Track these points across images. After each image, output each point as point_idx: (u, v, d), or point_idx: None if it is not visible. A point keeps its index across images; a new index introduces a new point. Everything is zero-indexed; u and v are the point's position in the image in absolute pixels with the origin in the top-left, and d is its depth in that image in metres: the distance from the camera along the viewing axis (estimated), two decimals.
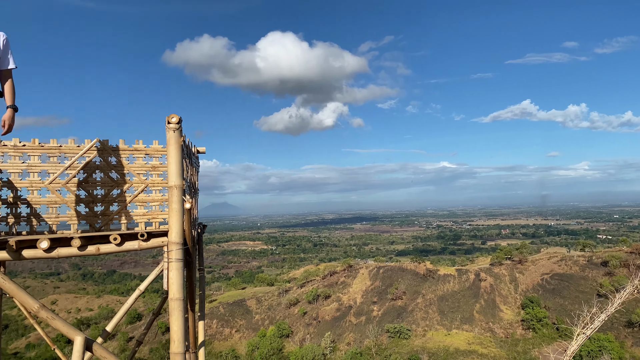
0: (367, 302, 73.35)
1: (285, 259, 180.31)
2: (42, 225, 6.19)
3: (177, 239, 4.60)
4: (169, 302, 4.41)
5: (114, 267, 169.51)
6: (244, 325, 73.60)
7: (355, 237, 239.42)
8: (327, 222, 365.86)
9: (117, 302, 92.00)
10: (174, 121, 4.71)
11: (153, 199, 6.48)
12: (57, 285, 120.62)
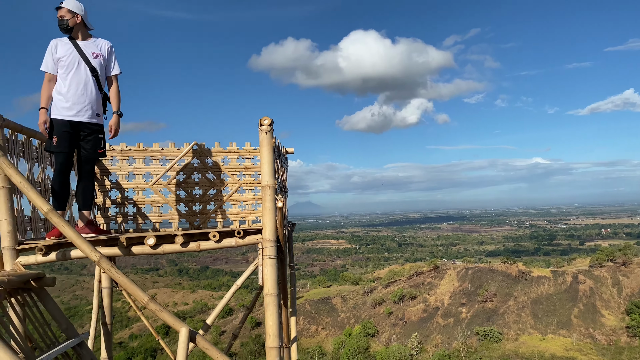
0: (455, 303, 71.35)
1: (369, 258, 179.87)
2: (147, 223, 6.64)
3: (270, 237, 4.75)
4: (264, 298, 4.56)
5: (207, 263, 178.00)
6: (330, 323, 74.34)
7: (441, 237, 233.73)
8: (411, 221, 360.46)
9: (210, 297, 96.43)
10: (266, 123, 4.86)
11: (246, 198, 6.73)
12: (155, 280, 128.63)
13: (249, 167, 6.79)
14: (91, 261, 4.04)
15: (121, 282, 3.67)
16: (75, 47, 4.96)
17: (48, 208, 3.66)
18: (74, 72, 4.94)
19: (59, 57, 4.94)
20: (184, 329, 3.72)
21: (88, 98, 4.99)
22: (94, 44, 5.07)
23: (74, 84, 4.93)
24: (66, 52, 4.94)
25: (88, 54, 4.99)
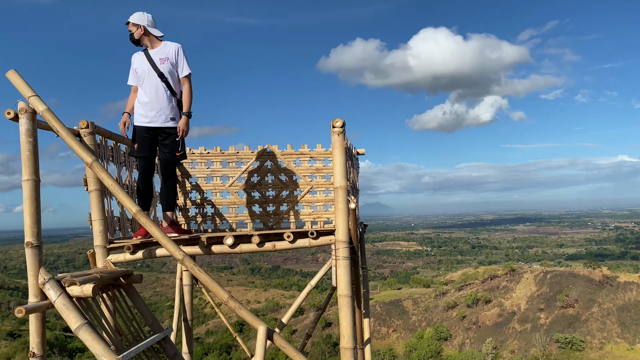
0: (532, 308, 68.22)
1: (441, 261, 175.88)
2: (224, 223, 6.88)
3: (343, 238, 4.78)
4: (338, 299, 4.59)
5: (278, 263, 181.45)
6: (401, 325, 73.43)
7: (517, 239, 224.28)
8: (485, 222, 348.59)
9: (281, 296, 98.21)
10: (338, 125, 4.89)
11: (318, 199, 6.80)
12: (230, 278, 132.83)
13: (320, 168, 6.86)
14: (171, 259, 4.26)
15: (203, 280, 3.83)
16: (147, 57, 5.21)
17: (136, 209, 3.89)
18: (146, 80, 5.19)
19: (134, 68, 5.25)
20: (262, 327, 3.83)
21: (159, 104, 5.20)
22: (161, 50, 5.25)
23: (146, 92, 5.19)
24: (139, 62, 5.22)
25: (156, 61, 5.19)
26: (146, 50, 5.26)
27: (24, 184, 3.74)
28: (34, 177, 3.75)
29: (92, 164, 3.86)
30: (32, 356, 3.75)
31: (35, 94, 3.78)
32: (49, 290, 3.63)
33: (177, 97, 5.33)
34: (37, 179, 3.78)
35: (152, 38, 5.24)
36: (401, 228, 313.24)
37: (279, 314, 75.58)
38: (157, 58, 5.22)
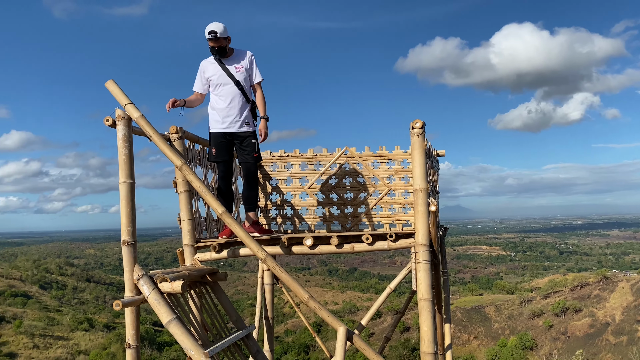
0: (629, 320, 63.36)
1: (526, 267, 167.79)
2: (303, 225, 7.00)
3: (423, 241, 4.70)
4: (419, 303, 4.53)
5: (355, 265, 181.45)
6: (483, 332, 70.87)
7: (611, 245, 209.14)
8: (575, 227, 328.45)
9: (358, 298, 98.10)
10: (417, 126, 4.82)
11: (396, 201, 6.74)
12: (307, 279, 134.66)
13: (399, 170, 6.80)
14: (251, 259, 4.40)
15: (284, 279, 3.92)
16: (221, 65, 5.33)
17: (222, 210, 4.06)
18: (222, 88, 5.34)
19: (208, 77, 5.36)
20: (342, 328, 3.85)
21: (236, 110, 5.35)
22: (236, 58, 5.39)
23: (222, 100, 5.34)
24: (213, 71, 5.33)
25: (232, 69, 5.33)
26: (219, 59, 5.35)
27: (121, 186, 4.01)
28: (130, 180, 4.02)
29: (182, 167, 4.07)
30: (128, 347, 4.02)
31: (130, 102, 4.06)
32: (143, 285, 3.87)
33: (250, 102, 5.48)
34: (133, 182, 4.05)
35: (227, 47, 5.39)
36: (483, 232, 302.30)
37: (356, 316, 75.54)
38: (232, 66, 5.36)
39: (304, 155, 7.01)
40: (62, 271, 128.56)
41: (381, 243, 5.07)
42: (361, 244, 5.10)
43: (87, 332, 77.21)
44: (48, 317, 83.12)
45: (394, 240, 5.03)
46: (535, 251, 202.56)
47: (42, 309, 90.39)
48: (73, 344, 72.34)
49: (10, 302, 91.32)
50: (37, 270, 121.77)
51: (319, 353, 62.21)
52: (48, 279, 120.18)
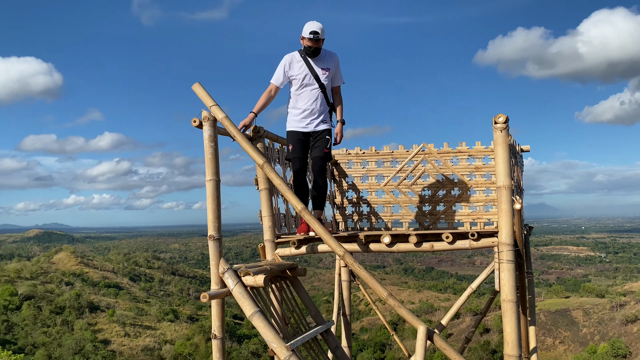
0: None
1: (618, 269, 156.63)
2: (379, 222, 6.98)
3: (507, 240, 4.53)
4: (502, 304, 4.38)
5: (432, 264, 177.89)
6: (569, 337, 67.13)
7: None
8: None
9: (435, 298, 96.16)
10: (500, 121, 4.66)
11: (477, 199, 6.55)
12: (382, 277, 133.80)
13: (479, 167, 6.59)
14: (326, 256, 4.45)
15: (362, 276, 3.94)
16: (307, 65, 5.21)
17: (301, 207, 4.15)
18: (306, 89, 5.25)
19: (292, 74, 5.24)
20: (421, 327, 3.81)
21: (317, 112, 5.32)
22: (323, 60, 5.28)
23: (305, 100, 5.27)
24: (299, 70, 5.21)
25: (318, 72, 5.24)
26: (306, 58, 5.24)
27: (207, 183, 4.21)
28: (215, 178, 4.20)
29: (263, 165, 4.20)
30: (214, 338, 4.21)
31: (215, 104, 4.24)
32: (228, 279, 4.03)
33: (329, 105, 5.45)
34: (218, 179, 4.23)
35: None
36: (569, 231, 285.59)
37: (433, 316, 74.10)
38: (319, 68, 5.26)
39: (380, 153, 6.97)
40: (149, 264, 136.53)
41: (462, 242, 4.95)
42: (441, 243, 5.00)
43: (172, 322, 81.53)
44: (137, 307, 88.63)
45: (475, 239, 4.90)
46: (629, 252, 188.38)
47: (132, 300, 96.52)
48: (160, 334, 76.65)
49: (104, 292, 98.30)
50: (128, 263, 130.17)
51: (395, 352, 61.67)
52: (137, 272, 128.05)
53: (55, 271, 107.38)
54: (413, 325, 3.84)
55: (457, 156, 6.71)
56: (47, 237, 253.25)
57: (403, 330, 60.65)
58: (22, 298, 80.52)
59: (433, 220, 6.49)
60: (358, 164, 7.08)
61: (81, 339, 68.19)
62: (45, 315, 76.62)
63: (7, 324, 72.90)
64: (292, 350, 3.75)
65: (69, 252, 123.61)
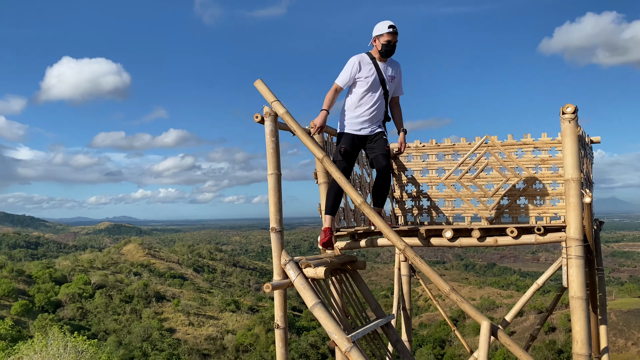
0: None
1: None
2: (440, 217, 6.87)
3: (576, 235, 4.35)
4: (570, 301, 4.21)
5: (494, 260, 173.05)
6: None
7: None
8: None
9: (497, 295, 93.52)
10: (569, 111, 4.47)
11: (543, 192, 6.32)
12: (442, 273, 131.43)
13: (546, 159, 6.35)
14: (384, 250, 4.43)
15: (424, 271, 3.91)
16: (376, 69, 5.00)
17: (361, 200, 4.16)
18: (371, 94, 5.02)
19: (360, 76, 4.97)
20: (485, 322, 3.74)
21: (377, 118, 5.15)
22: (390, 66, 5.10)
23: (368, 105, 5.05)
24: (369, 73, 4.97)
25: (386, 77, 5.06)
26: (374, 60, 5.03)
27: (269, 177, 4.30)
28: (277, 172, 4.29)
29: (323, 159, 4.25)
30: (277, 327, 4.31)
31: (276, 99, 4.33)
32: (290, 270, 4.12)
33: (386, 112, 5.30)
34: (279, 173, 4.32)
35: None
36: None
37: (495, 313, 72.14)
38: (387, 75, 5.06)
39: (440, 146, 6.85)
40: (212, 256, 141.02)
41: (528, 237, 4.80)
42: (505, 238, 4.87)
43: (234, 313, 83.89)
44: (201, 297, 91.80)
45: (542, 234, 4.73)
46: None
47: (196, 290, 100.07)
48: (222, 324, 79.09)
49: (170, 282, 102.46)
50: (192, 254, 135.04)
51: (456, 348, 60.56)
52: (200, 263, 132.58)
53: (124, 262, 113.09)
54: (476, 320, 3.77)
55: (522, 148, 6.50)
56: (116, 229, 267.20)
57: (464, 327, 59.45)
58: (94, 287, 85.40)
59: (497, 214, 6.32)
60: (418, 157, 6.99)
61: (148, 327, 71.53)
62: (115, 304, 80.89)
63: (82, 311, 77.57)
64: (353, 342, 3.79)
65: (137, 243, 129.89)
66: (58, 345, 20.38)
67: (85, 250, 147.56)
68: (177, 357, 61.39)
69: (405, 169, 7.02)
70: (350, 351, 3.70)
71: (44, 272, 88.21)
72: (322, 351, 61.84)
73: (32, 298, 76.06)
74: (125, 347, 62.79)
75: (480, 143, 6.54)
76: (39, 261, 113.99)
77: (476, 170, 6.54)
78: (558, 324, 65.54)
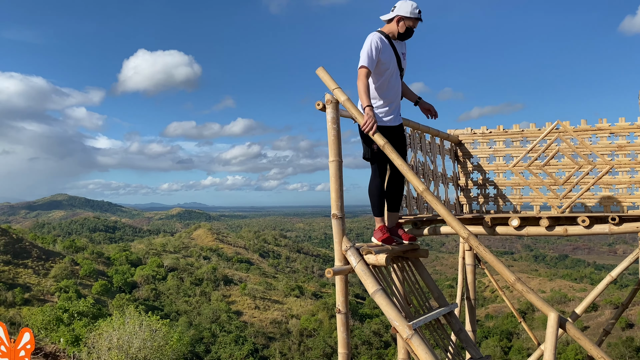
0: None
1: None
2: (507, 205, 6.67)
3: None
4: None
5: (566, 252, 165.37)
6: None
7: None
8: None
9: (569, 288, 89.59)
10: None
11: (619, 180, 6.00)
12: (510, 264, 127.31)
13: (623, 145, 6.02)
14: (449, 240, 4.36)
15: (489, 260, 3.83)
16: (393, 49, 4.67)
17: (423, 187, 4.12)
18: (393, 77, 4.68)
19: (383, 57, 4.57)
20: (553, 314, 3.62)
21: (399, 103, 4.82)
22: (401, 44, 4.79)
23: (394, 90, 4.70)
24: (389, 56, 4.63)
25: (400, 56, 4.75)
26: (390, 40, 4.68)
27: (330, 164, 4.35)
28: (338, 159, 4.32)
29: (384, 146, 4.23)
30: (338, 312, 4.37)
31: (338, 87, 4.34)
32: (351, 256, 4.16)
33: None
34: (340, 160, 4.35)
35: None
36: None
37: (567, 307, 69.14)
38: (401, 52, 4.76)
39: (508, 132, 6.64)
40: (277, 242, 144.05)
41: (601, 226, 4.59)
42: (576, 227, 4.68)
43: (298, 298, 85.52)
44: (266, 282, 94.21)
45: (617, 224, 4.50)
46: None
47: (262, 275, 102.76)
48: (287, 308, 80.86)
49: (237, 267, 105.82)
50: (257, 240, 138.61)
51: (523, 341, 58.66)
52: (266, 249, 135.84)
53: (194, 246, 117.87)
54: (543, 311, 3.66)
55: (597, 134, 6.19)
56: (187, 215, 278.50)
57: (532, 320, 57.44)
58: (167, 269, 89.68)
59: (568, 204, 6.06)
60: (484, 144, 6.82)
61: (217, 309, 74.37)
62: (186, 286, 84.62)
63: (155, 292, 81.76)
64: (415, 330, 3.78)
65: (206, 229, 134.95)
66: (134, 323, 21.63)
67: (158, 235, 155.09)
68: (244, 339, 63.48)
69: (470, 155, 6.86)
70: (412, 338, 3.70)
71: (121, 255, 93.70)
72: (385, 339, 61.84)
73: (111, 279, 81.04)
74: (195, 327, 65.67)
75: (551, 129, 6.28)
76: (116, 244, 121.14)
77: (546, 157, 6.29)
78: (637, 320, 61.90)
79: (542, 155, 6.32)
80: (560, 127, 6.25)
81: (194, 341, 58.94)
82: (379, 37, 4.57)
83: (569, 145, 6.17)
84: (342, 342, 4.33)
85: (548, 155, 6.27)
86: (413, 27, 4.66)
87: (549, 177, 6.28)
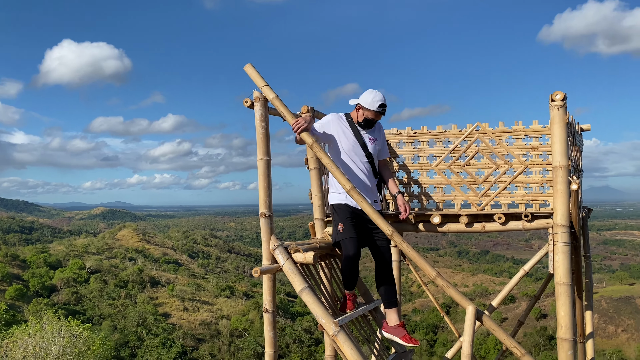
0: None
1: None
2: (430, 203, 6.91)
3: (562, 222, 4.41)
4: (555, 286, 4.28)
5: (487, 248, 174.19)
6: (633, 325, 64.35)
7: None
8: None
9: (490, 282, 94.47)
10: (557, 98, 4.50)
11: (533, 180, 6.35)
12: (436, 259, 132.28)
13: (536, 147, 6.37)
14: None
15: (411, 256, 3.95)
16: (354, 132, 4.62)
17: (350, 186, 4.18)
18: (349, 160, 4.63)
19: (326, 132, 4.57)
20: (470, 307, 3.79)
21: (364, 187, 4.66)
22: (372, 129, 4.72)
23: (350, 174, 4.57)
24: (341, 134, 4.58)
25: (366, 140, 4.66)
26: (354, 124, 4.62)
27: (259, 162, 4.32)
28: (266, 157, 4.30)
29: (313, 145, 4.25)
30: (265, 311, 4.35)
31: (266, 84, 4.32)
32: (278, 255, 4.15)
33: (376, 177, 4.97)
34: (269, 158, 4.33)
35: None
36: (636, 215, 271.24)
37: (488, 300, 72.88)
38: (368, 137, 4.68)
39: (431, 132, 6.86)
40: (207, 242, 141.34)
41: (515, 223, 4.86)
42: (493, 224, 4.93)
43: (228, 298, 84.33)
44: (195, 283, 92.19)
45: (529, 220, 4.79)
46: None
47: (191, 276, 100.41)
48: (217, 309, 79.51)
49: (164, 268, 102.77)
50: (186, 240, 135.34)
51: (448, 334, 61.25)
52: (195, 249, 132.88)
53: (119, 247, 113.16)
54: (462, 305, 3.83)
55: (513, 136, 6.50)
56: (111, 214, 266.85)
57: (456, 313, 60.03)
58: (89, 272, 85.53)
59: (487, 202, 6.37)
60: (409, 144, 7.00)
61: (143, 311, 71.82)
62: (110, 289, 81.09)
63: (77, 296, 77.75)
64: (341, 326, 3.83)
65: (132, 229, 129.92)
66: (52, 329, 20.46)
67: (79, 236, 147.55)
68: (172, 341, 61.78)
69: (396, 155, 7.04)
70: (338, 335, 3.75)
71: (38, 257, 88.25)
72: (316, 336, 62.38)
73: (27, 283, 76.16)
74: (120, 331, 63.12)
75: (471, 130, 6.55)
76: (33, 246, 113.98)
77: (467, 157, 6.57)
78: (550, 310, 66.32)
79: (462, 155, 6.57)
80: (480, 128, 6.54)
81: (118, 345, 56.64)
82: (336, 115, 4.63)
83: (488, 146, 6.46)
84: (269, 341, 4.31)
85: (468, 155, 6.54)
86: (374, 119, 4.55)
87: (469, 176, 6.55)
